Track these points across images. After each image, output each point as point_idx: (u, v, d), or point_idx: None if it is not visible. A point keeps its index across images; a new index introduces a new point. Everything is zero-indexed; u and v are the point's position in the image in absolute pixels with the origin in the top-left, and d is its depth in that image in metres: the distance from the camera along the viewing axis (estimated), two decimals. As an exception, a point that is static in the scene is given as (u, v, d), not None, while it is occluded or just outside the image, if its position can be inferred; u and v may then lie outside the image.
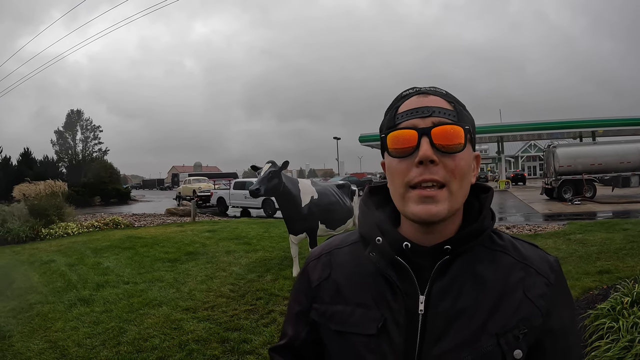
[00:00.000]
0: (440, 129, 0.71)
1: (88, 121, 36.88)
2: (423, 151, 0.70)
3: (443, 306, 0.72)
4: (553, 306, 0.74)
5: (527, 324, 0.72)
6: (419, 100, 0.75)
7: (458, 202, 0.73)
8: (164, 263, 7.34)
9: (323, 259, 0.87)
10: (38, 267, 7.53)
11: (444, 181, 0.70)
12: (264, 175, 5.27)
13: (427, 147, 0.70)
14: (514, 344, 0.70)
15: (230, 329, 4.18)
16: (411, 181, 0.71)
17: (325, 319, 0.81)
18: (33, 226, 11.77)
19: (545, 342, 0.74)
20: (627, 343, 2.82)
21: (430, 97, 0.75)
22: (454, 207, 0.72)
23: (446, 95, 0.76)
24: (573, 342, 0.78)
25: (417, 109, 0.73)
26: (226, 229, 11.48)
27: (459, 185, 0.72)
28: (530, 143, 50.49)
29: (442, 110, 0.73)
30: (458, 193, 0.72)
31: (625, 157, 17.66)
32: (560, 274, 0.78)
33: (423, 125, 0.72)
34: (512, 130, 28.00)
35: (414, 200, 0.71)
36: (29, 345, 3.95)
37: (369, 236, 0.79)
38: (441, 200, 0.70)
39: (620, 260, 5.91)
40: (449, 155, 0.71)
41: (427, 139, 0.70)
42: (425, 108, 0.73)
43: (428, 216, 0.70)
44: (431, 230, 0.75)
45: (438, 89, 0.77)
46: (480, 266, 0.75)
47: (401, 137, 0.73)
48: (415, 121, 0.73)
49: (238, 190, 19.05)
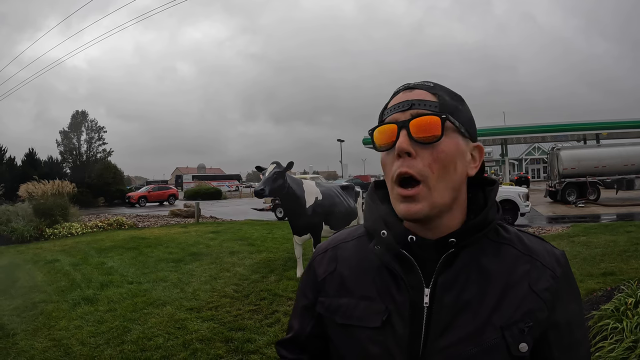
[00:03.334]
0: (417, 120, 0.71)
1: (93, 122, 36.96)
2: (399, 143, 0.71)
3: (448, 299, 0.72)
4: (559, 299, 0.73)
5: (533, 317, 0.71)
6: (405, 95, 0.76)
7: (442, 197, 0.72)
8: (168, 263, 7.37)
9: (329, 253, 0.88)
10: (42, 267, 7.57)
11: (418, 176, 0.71)
12: (268, 176, 5.28)
13: (403, 139, 0.71)
14: (519, 337, 0.70)
15: (234, 328, 4.19)
16: (393, 175, 0.73)
17: (330, 312, 0.82)
18: (37, 226, 11.84)
19: (550, 335, 0.73)
20: (631, 343, 2.81)
21: (415, 91, 0.76)
22: (437, 203, 0.72)
23: (433, 87, 0.76)
24: (580, 336, 0.77)
25: (399, 103, 0.75)
26: (230, 230, 11.50)
27: (438, 178, 0.71)
28: (534, 145, 50.26)
29: (422, 102, 0.73)
30: (438, 187, 0.71)
31: (629, 159, 17.56)
32: (567, 267, 0.77)
33: (403, 118, 0.73)
34: (516, 133, 27.85)
35: (398, 199, 0.73)
36: (32, 344, 3.97)
37: (374, 229, 0.80)
38: (420, 198, 0.71)
39: (624, 262, 5.89)
40: (426, 147, 0.71)
41: (405, 131, 0.72)
42: (407, 102, 0.74)
43: (409, 215, 0.72)
44: (433, 224, 0.75)
45: (426, 83, 0.78)
46: (485, 259, 0.74)
47: (383, 132, 0.75)
48: (396, 115, 0.74)
49: None
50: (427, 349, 0.71)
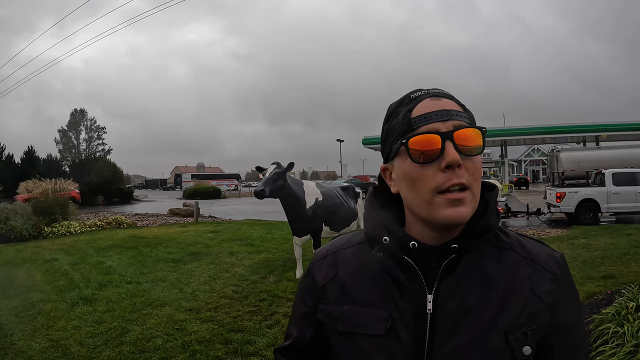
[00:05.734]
0: (461, 132, 0.70)
1: (92, 121, 36.94)
2: (452, 155, 0.69)
3: (451, 304, 0.72)
4: (560, 302, 0.74)
5: (535, 320, 0.72)
6: (434, 103, 0.73)
7: (477, 202, 0.73)
8: (167, 263, 7.35)
9: (329, 259, 0.87)
10: (40, 266, 7.54)
11: (467, 184, 0.70)
12: (268, 176, 5.27)
13: (454, 152, 0.69)
14: (522, 340, 0.70)
15: (233, 330, 4.17)
16: (440, 187, 0.70)
17: (331, 320, 0.81)
18: (36, 224, 11.81)
19: (552, 337, 0.74)
20: (632, 348, 2.81)
21: (443, 100, 0.74)
22: (475, 207, 0.72)
23: (454, 97, 0.76)
24: (580, 337, 0.79)
25: (435, 112, 0.72)
26: (229, 230, 11.49)
27: (478, 186, 0.73)
28: (533, 147, 50.28)
29: (459, 113, 0.73)
30: (477, 193, 0.73)
31: (629, 162, 17.57)
32: (566, 270, 0.78)
33: (445, 129, 0.71)
34: (515, 134, 27.90)
35: (443, 205, 0.70)
36: (30, 344, 3.95)
37: (376, 236, 0.79)
38: (467, 202, 0.70)
39: (624, 265, 5.90)
40: (469, 158, 0.71)
41: (451, 142, 0.70)
42: (444, 111, 0.72)
43: (459, 218, 0.70)
44: (441, 231, 0.75)
45: (446, 91, 0.77)
46: (487, 264, 0.75)
47: (425, 142, 0.71)
48: (436, 125, 0.71)
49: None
50: (432, 354, 0.71)
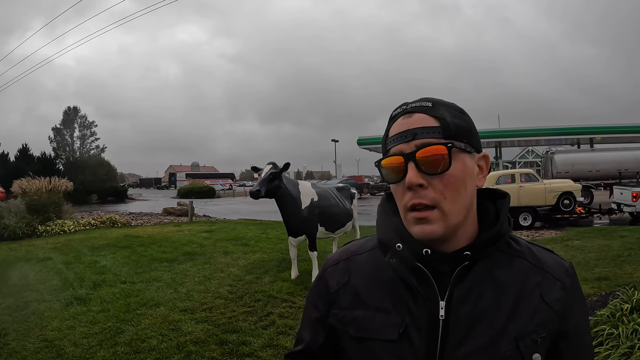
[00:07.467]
0: (423, 152, 0.72)
1: (84, 118, 36.66)
2: (408, 178, 0.72)
3: (464, 311, 0.73)
4: (568, 310, 0.75)
5: (545, 328, 0.73)
6: (404, 122, 0.75)
7: (455, 217, 0.73)
8: (162, 263, 7.31)
9: (342, 264, 0.88)
10: (34, 265, 7.47)
11: (432, 204, 0.72)
12: (264, 176, 5.26)
13: (413, 173, 0.72)
14: (532, 347, 0.71)
15: (228, 330, 4.16)
16: (406, 205, 0.73)
17: (344, 325, 0.82)
18: (29, 223, 11.72)
19: (561, 345, 0.75)
20: (627, 350, 2.84)
21: (414, 117, 0.75)
22: (451, 223, 0.73)
23: (432, 108, 0.75)
24: (587, 343, 0.80)
25: (401, 133, 0.75)
26: (223, 230, 11.46)
27: (452, 202, 0.72)
28: (527, 149, 50.54)
29: (425, 130, 0.73)
30: (452, 210, 0.73)
31: (623, 164, 17.76)
32: (575, 278, 0.79)
33: (408, 150, 0.73)
34: (510, 136, 28.07)
35: (412, 222, 0.74)
36: (24, 344, 3.91)
37: (389, 242, 0.80)
38: (434, 220, 0.72)
39: (618, 267, 5.94)
40: (436, 176, 0.72)
41: (413, 163, 0.72)
42: (409, 132, 0.74)
43: (424, 235, 0.72)
44: (449, 240, 0.75)
45: (424, 104, 0.76)
46: (498, 271, 0.76)
47: (390, 165, 0.75)
48: (401, 146, 0.74)
49: None
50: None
